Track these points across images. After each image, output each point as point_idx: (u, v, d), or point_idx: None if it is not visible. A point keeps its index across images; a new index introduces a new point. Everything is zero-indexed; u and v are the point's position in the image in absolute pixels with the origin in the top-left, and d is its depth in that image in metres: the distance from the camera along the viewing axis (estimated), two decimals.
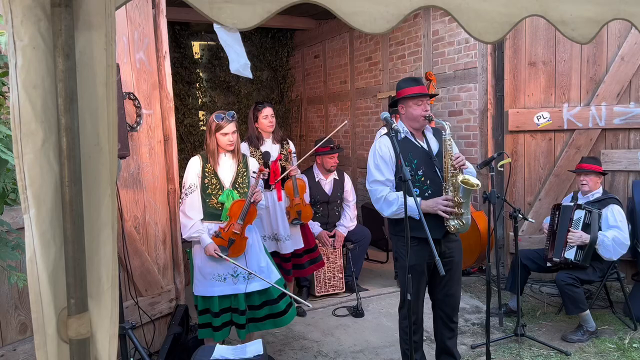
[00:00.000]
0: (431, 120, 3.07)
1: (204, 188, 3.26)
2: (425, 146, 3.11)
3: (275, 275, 3.42)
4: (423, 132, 3.16)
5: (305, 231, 4.61)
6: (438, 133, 3.20)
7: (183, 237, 3.25)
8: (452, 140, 3.09)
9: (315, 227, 4.88)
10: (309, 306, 3.74)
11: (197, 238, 3.24)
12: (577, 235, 3.88)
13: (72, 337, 1.19)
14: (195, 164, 3.29)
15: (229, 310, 3.33)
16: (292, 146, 4.50)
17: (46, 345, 1.19)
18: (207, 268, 3.27)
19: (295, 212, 4.36)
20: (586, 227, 3.90)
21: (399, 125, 3.11)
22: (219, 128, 3.26)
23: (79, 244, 1.17)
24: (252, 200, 3.28)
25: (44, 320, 1.18)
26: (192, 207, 3.22)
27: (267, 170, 3.92)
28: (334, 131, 4.89)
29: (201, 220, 3.27)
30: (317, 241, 4.79)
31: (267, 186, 4.18)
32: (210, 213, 3.28)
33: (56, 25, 1.11)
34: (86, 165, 1.18)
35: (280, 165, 4.34)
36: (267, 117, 4.26)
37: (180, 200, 3.27)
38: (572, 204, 4.06)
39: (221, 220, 3.30)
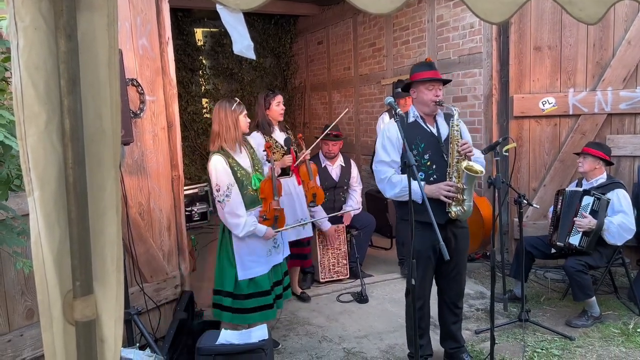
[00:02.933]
0: (441, 105, 3.05)
1: (239, 181, 3.27)
2: (434, 131, 3.10)
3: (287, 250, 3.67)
4: (434, 117, 3.15)
5: None
6: (449, 118, 3.17)
7: (239, 236, 3.25)
8: (461, 126, 3.09)
9: (325, 222, 4.80)
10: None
11: (254, 231, 3.28)
12: (586, 221, 3.83)
13: (77, 319, 1.20)
14: (221, 163, 3.23)
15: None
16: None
17: (52, 328, 1.20)
18: (258, 250, 3.36)
19: (311, 195, 4.34)
20: (594, 214, 3.85)
21: (411, 109, 3.15)
22: (240, 114, 3.34)
23: (84, 227, 1.17)
24: (276, 175, 3.50)
25: (50, 303, 1.19)
26: (237, 204, 3.23)
27: (289, 156, 4.05)
28: (337, 119, 4.83)
29: None
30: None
31: (286, 173, 4.16)
32: (250, 201, 3.34)
33: (57, 5, 1.10)
34: (89, 147, 1.17)
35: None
36: (279, 104, 4.18)
37: (219, 203, 3.22)
38: (579, 189, 4.01)
39: (258, 205, 3.41)
